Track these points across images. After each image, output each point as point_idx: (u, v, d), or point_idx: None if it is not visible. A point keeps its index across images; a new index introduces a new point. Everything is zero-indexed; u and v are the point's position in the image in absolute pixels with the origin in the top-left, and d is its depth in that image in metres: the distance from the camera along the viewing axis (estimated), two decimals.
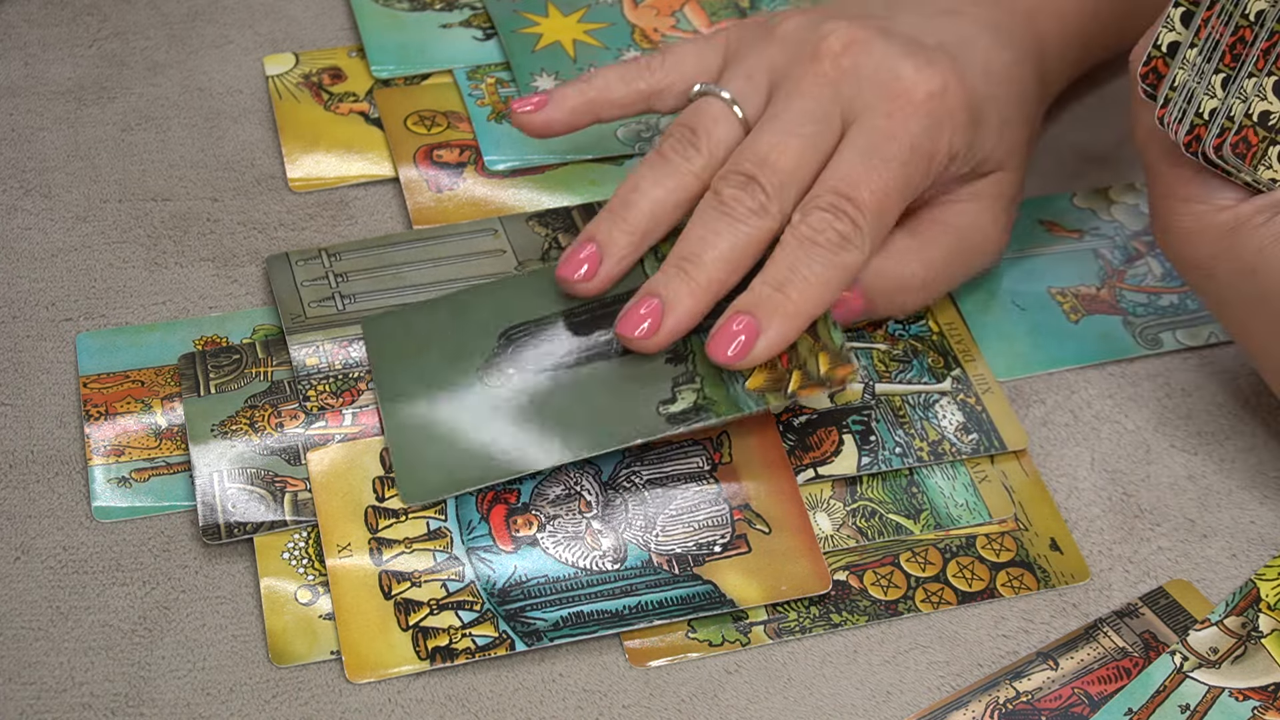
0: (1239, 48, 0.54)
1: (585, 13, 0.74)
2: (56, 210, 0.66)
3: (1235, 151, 0.54)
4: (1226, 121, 0.54)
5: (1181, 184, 0.56)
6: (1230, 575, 0.58)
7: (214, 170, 0.68)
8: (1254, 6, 0.54)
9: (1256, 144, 0.54)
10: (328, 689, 0.53)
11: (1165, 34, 0.56)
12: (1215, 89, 0.54)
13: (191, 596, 0.55)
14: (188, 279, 0.64)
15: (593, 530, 0.57)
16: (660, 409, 0.58)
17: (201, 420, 0.59)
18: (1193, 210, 0.56)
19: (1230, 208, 0.55)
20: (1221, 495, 0.60)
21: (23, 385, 0.61)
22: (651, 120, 0.70)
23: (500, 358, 0.60)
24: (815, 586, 0.56)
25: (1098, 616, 0.56)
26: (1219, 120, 0.54)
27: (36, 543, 0.56)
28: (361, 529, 0.56)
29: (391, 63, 0.72)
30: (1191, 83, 0.55)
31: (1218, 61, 0.54)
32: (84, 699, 0.53)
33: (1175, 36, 0.56)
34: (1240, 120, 0.54)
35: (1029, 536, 0.58)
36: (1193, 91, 0.55)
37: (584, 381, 0.59)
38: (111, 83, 0.71)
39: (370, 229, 0.66)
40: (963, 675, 0.55)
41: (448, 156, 0.69)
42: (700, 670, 0.54)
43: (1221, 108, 0.54)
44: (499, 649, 0.54)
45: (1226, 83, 0.54)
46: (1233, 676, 0.54)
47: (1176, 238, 0.57)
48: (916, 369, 0.62)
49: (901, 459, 0.59)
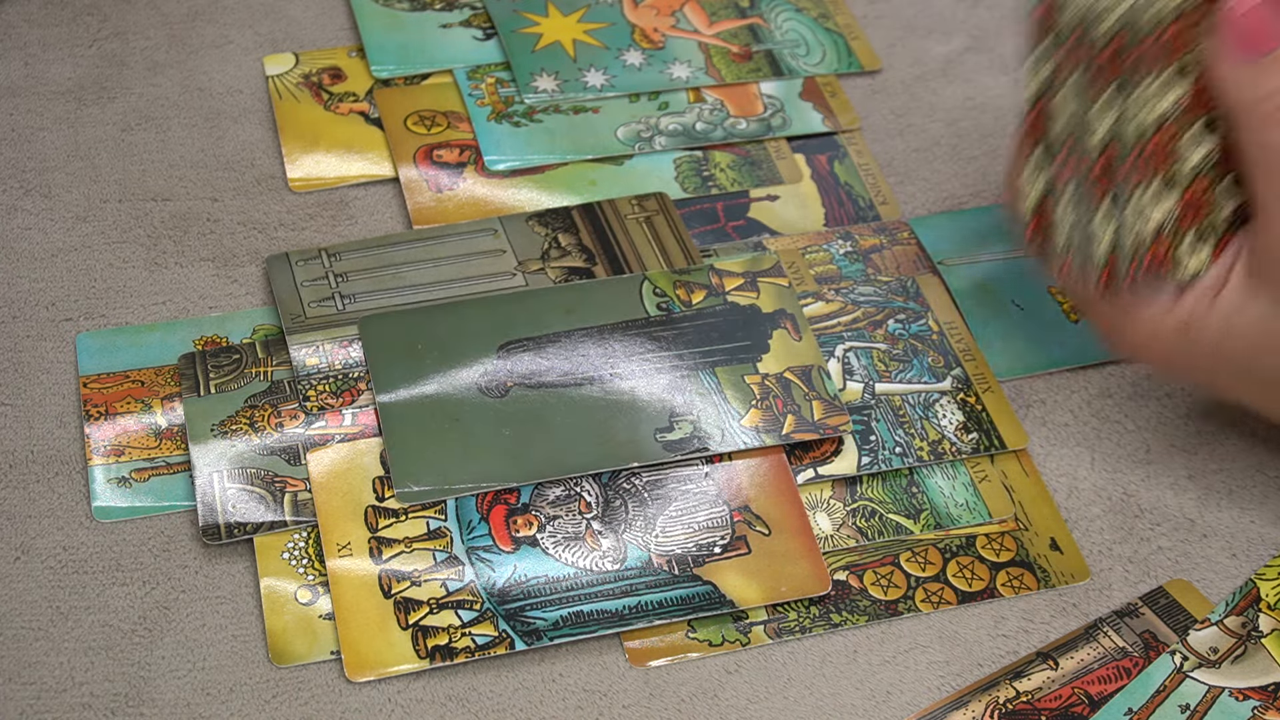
0: (1105, 177, 0.53)
1: (585, 13, 0.74)
2: (56, 210, 0.66)
3: (1151, 271, 0.53)
4: (1131, 253, 0.53)
5: (1118, 312, 0.55)
6: (1230, 575, 0.58)
7: (214, 170, 0.68)
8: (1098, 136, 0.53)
9: (1165, 254, 0.53)
10: (328, 689, 0.53)
11: (1032, 189, 0.55)
12: (1101, 228, 0.54)
13: (191, 596, 0.55)
14: (188, 279, 0.64)
15: (592, 531, 0.57)
16: (657, 436, 0.58)
17: (201, 420, 0.59)
18: (1137, 322, 0.55)
19: (1171, 309, 0.54)
20: (1221, 495, 0.60)
21: (23, 385, 0.61)
22: (652, 120, 0.70)
23: (498, 370, 0.60)
24: (815, 588, 0.56)
25: (1098, 616, 0.56)
26: (1122, 256, 0.53)
27: (36, 543, 0.56)
28: (361, 529, 0.56)
29: (391, 63, 0.72)
30: (1075, 234, 0.54)
31: (1092, 199, 0.54)
32: (84, 699, 0.53)
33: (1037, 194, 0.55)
34: (1139, 248, 0.53)
35: (1029, 536, 0.58)
36: (1082, 241, 0.54)
37: (582, 401, 0.59)
38: (111, 83, 0.71)
39: (370, 229, 0.66)
40: (963, 675, 0.55)
41: (448, 156, 0.69)
42: (700, 670, 0.54)
43: (1117, 239, 0.54)
44: (499, 648, 0.54)
45: (1108, 216, 0.54)
46: (1233, 676, 0.54)
47: (1133, 349, 0.56)
48: (916, 369, 0.62)
49: (901, 459, 0.60)
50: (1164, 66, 0.52)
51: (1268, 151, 0.50)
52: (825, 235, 0.67)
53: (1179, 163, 0.52)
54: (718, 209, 0.68)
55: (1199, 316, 0.54)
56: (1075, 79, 0.54)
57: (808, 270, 0.65)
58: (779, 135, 0.70)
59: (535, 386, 0.60)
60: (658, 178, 0.68)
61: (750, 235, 0.67)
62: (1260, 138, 0.50)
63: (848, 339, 0.63)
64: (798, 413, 0.60)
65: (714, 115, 0.71)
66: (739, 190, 0.68)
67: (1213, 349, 0.54)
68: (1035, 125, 0.55)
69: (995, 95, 0.73)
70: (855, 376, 0.62)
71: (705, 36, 0.74)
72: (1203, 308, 0.53)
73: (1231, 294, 0.53)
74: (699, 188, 0.68)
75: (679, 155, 0.69)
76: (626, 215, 0.67)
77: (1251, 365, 0.54)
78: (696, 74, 0.72)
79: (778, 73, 0.73)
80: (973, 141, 0.71)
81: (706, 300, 0.63)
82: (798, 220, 0.68)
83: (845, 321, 0.64)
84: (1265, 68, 0.49)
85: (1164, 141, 0.52)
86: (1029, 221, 0.56)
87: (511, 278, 0.64)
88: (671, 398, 0.60)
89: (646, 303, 0.63)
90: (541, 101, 0.70)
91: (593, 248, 0.65)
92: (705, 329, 0.62)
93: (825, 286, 0.65)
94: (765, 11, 0.75)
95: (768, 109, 0.71)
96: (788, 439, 0.59)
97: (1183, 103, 0.52)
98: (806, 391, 0.60)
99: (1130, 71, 0.52)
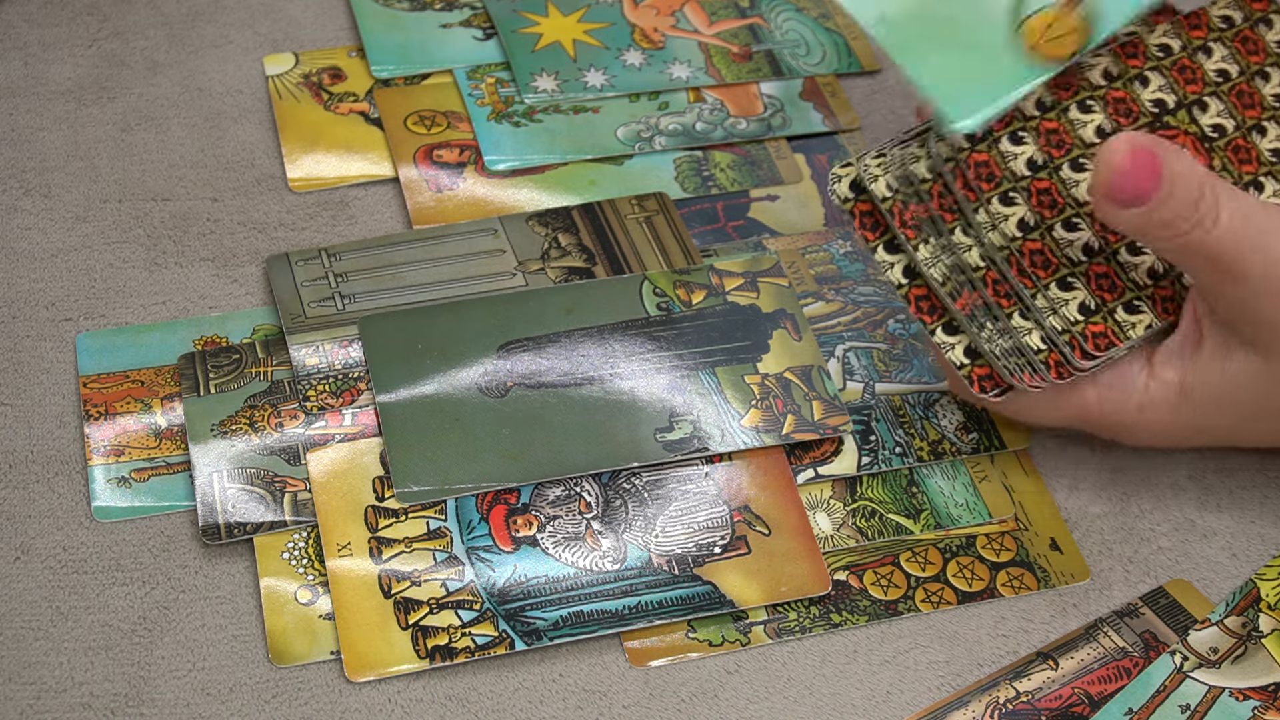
0: (1000, 288, 0.54)
1: (585, 13, 0.74)
2: (56, 210, 0.66)
3: (1101, 347, 0.54)
4: (1065, 335, 0.54)
5: (1102, 405, 0.55)
6: (1230, 575, 0.58)
7: (214, 170, 0.68)
8: (971, 258, 0.54)
9: (1104, 326, 0.54)
10: (328, 689, 0.53)
11: (955, 352, 0.56)
12: (1024, 328, 0.54)
13: (191, 596, 0.55)
14: (188, 279, 0.64)
15: (592, 531, 0.57)
16: (657, 436, 0.58)
17: (201, 420, 0.59)
18: (1128, 407, 0.55)
19: (1149, 380, 0.55)
20: (1221, 495, 0.60)
21: (23, 385, 0.61)
22: (652, 120, 0.70)
23: (498, 370, 0.60)
24: (815, 588, 0.56)
25: (1098, 616, 0.56)
26: (1059, 339, 0.54)
27: (36, 543, 0.56)
28: (361, 529, 0.56)
29: (391, 63, 0.72)
30: (1003, 344, 0.55)
31: (1001, 312, 0.54)
32: (84, 699, 0.53)
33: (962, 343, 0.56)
34: (1077, 327, 0.54)
35: (1029, 536, 0.58)
36: (1013, 347, 0.55)
37: (582, 401, 0.59)
38: (111, 83, 0.71)
39: (370, 229, 0.66)
40: (963, 675, 0.55)
41: (448, 156, 0.69)
42: (700, 670, 0.54)
43: (1045, 329, 0.54)
44: (499, 648, 0.54)
45: (1024, 314, 0.54)
46: (1233, 676, 0.54)
47: (1136, 436, 0.56)
48: (916, 369, 0.62)
49: (901, 459, 0.59)
50: (989, 197, 0.54)
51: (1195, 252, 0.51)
52: (825, 235, 0.67)
53: (1061, 259, 0.54)
54: (718, 209, 0.68)
55: (1189, 378, 0.54)
56: (927, 241, 0.55)
57: (808, 270, 0.65)
58: (779, 135, 0.70)
59: (535, 386, 0.60)
60: (658, 178, 0.68)
61: (750, 235, 0.67)
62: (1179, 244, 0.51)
63: (848, 339, 0.63)
64: (798, 413, 0.60)
65: (714, 115, 0.71)
66: (739, 190, 0.68)
67: (1213, 404, 0.54)
68: (923, 306, 0.56)
69: None
70: (855, 376, 0.62)
71: (705, 36, 0.74)
72: (1189, 368, 0.54)
73: (1214, 348, 0.53)
74: (699, 188, 0.68)
75: (679, 155, 0.69)
76: (626, 215, 0.67)
77: (1258, 413, 0.54)
78: (696, 74, 0.72)
79: (778, 73, 0.73)
80: None
81: (706, 300, 0.63)
82: (798, 220, 0.68)
83: (845, 321, 0.64)
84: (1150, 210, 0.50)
85: (1034, 251, 0.54)
86: (970, 374, 0.56)
87: (511, 278, 0.64)
88: (671, 398, 0.60)
89: (646, 303, 0.63)
90: (541, 101, 0.70)
91: (593, 248, 0.65)
92: (705, 329, 0.62)
93: (825, 286, 0.65)
94: (765, 11, 0.75)
95: (768, 109, 0.71)
96: (788, 439, 0.59)
97: (1029, 219, 0.54)
98: (806, 391, 0.60)
99: (959, 210, 0.54)
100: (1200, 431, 0.55)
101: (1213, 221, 0.50)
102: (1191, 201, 0.50)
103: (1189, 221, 0.50)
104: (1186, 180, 0.50)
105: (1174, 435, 0.56)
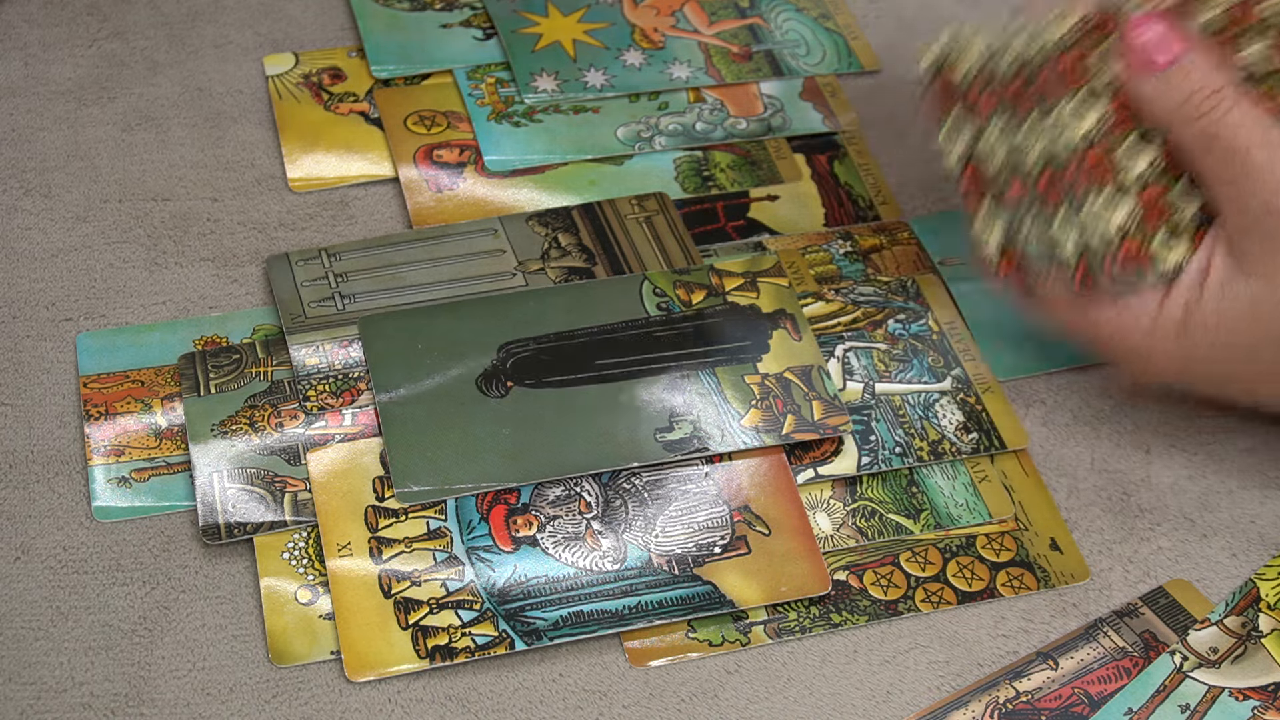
0: (1051, 190, 0.55)
1: (585, 12, 0.74)
2: (56, 210, 0.66)
3: (1128, 267, 0.55)
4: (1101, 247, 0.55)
5: (1111, 324, 0.56)
6: (1230, 575, 0.58)
7: (214, 170, 0.68)
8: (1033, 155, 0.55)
9: (1139, 251, 0.55)
10: (328, 689, 0.53)
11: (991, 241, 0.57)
12: (1063, 232, 0.55)
13: (191, 596, 0.55)
14: (188, 279, 0.64)
15: (592, 531, 0.57)
16: (657, 436, 0.58)
17: (201, 420, 0.59)
18: (1137, 330, 0.56)
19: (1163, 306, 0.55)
20: (1221, 495, 0.60)
21: (23, 385, 0.61)
22: (652, 120, 0.70)
23: (499, 371, 0.60)
24: (815, 588, 0.56)
25: (1098, 616, 0.56)
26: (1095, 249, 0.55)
27: (36, 543, 0.56)
28: (361, 529, 0.56)
29: (391, 63, 0.72)
30: (1039, 245, 0.56)
31: (1045, 213, 0.56)
32: (84, 699, 0.53)
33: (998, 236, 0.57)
34: (1114, 239, 0.54)
35: (1029, 536, 0.58)
36: (1047, 249, 0.56)
37: (582, 402, 0.59)
38: (111, 83, 0.71)
39: (370, 229, 0.66)
40: (963, 675, 0.55)
41: (448, 156, 0.69)
42: (700, 670, 0.54)
43: (1081, 239, 0.55)
44: (499, 648, 0.54)
45: (1065, 222, 0.55)
46: (1233, 676, 0.54)
47: (1140, 362, 0.57)
48: (916, 369, 0.62)
49: (901, 459, 0.60)
50: (1075, 91, 0.55)
51: (1208, 139, 0.54)
52: (825, 235, 0.67)
53: (1123, 173, 0.54)
54: (718, 209, 0.68)
55: (1193, 307, 0.54)
56: (995, 122, 0.56)
57: (808, 270, 0.65)
58: (779, 135, 0.70)
59: (535, 386, 0.60)
60: (658, 178, 0.68)
61: (750, 235, 0.67)
62: (1195, 131, 0.54)
63: (848, 339, 0.63)
64: (798, 413, 0.60)
65: (714, 115, 0.71)
66: (739, 190, 0.68)
67: (1211, 339, 0.54)
68: (973, 182, 0.57)
69: None
70: (855, 376, 0.62)
71: (705, 36, 0.74)
72: (1195, 297, 0.55)
73: (1218, 275, 0.54)
74: (699, 188, 0.68)
75: (679, 155, 0.69)
76: (626, 215, 0.67)
77: (1253, 351, 0.54)
78: (696, 74, 0.72)
79: (778, 73, 0.73)
80: None
81: (706, 300, 0.63)
82: (798, 220, 0.68)
83: (845, 321, 0.64)
84: (1173, 77, 0.54)
85: (1100, 156, 0.55)
86: (998, 262, 0.57)
87: (511, 278, 0.64)
88: (671, 398, 0.60)
89: (646, 303, 0.63)
90: (541, 101, 0.70)
91: (593, 248, 0.65)
92: (705, 329, 0.62)
93: (825, 286, 0.65)
94: (765, 11, 0.75)
95: (768, 109, 0.71)
96: (788, 439, 0.59)
97: (1107, 121, 0.55)
98: (806, 391, 0.60)
99: (1040, 101, 0.55)
100: (1199, 365, 0.56)
101: (1226, 110, 0.53)
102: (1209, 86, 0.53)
103: (1207, 103, 0.53)
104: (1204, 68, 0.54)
105: (1173, 367, 0.56)
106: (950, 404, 0.61)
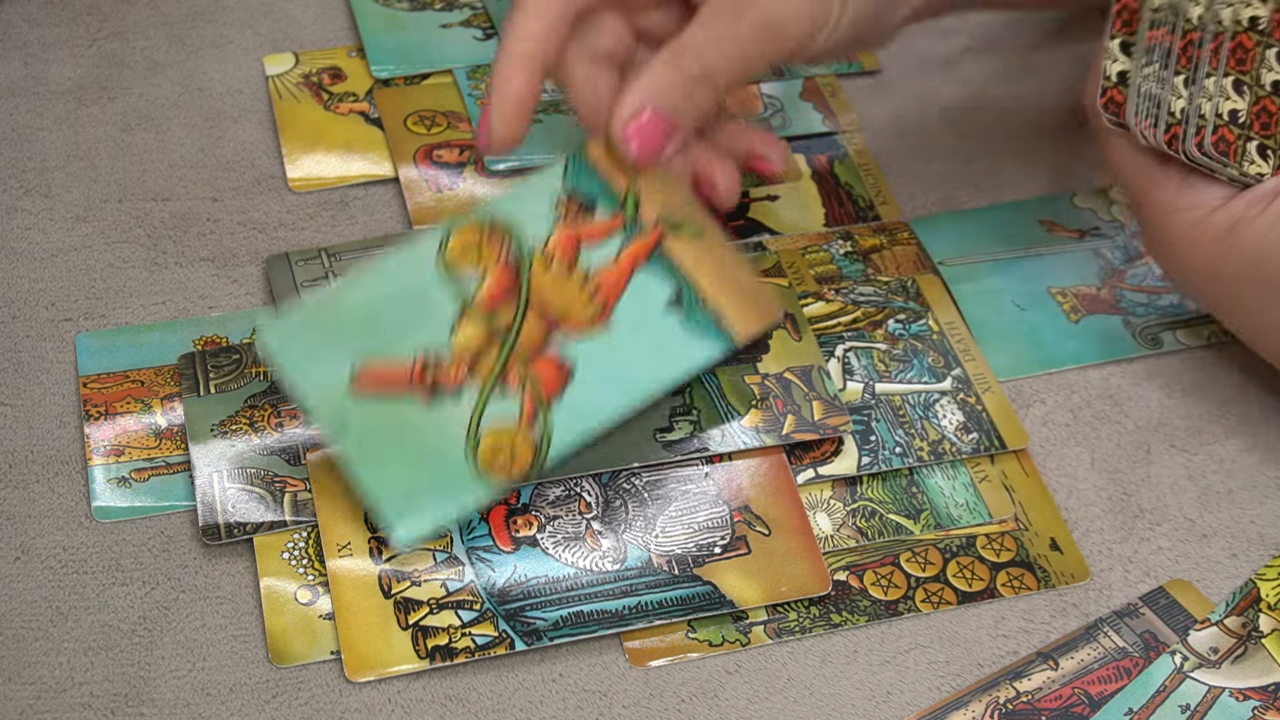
0: (1190, 50, 0.56)
1: None
2: (56, 210, 0.66)
3: (1217, 149, 0.55)
4: (1200, 120, 0.55)
5: (1169, 195, 0.57)
6: (1230, 575, 0.58)
7: (214, 170, 0.68)
8: (1193, 12, 0.55)
9: (1234, 141, 0.55)
10: (328, 689, 0.53)
11: (1111, 65, 0.57)
12: (1179, 89, 0.56)
13: (191, 596, 0.55)
14: (188, 279, 0.64)
15: (592, 531, 0.57)
16: (657, 436, 0.58)
17: (201, 420, 0.59)
18: (1187, 219, 0.56)
19: (1222, 206, 0.56)
20: (1221, 495, 0.60)
21: (23, 385, 0.61)
22: None
23: None
24: (815, 588, 0.56)
25: (1098, 616, 0.56)
26: (1192, 119, 0.55)
27: (36, 543, 0.56)
28: (361, 529, 0.56)
29: (391, 63, 0.72)
30: (1154, 89, 0.56)
31: (1174, 65, 0.56)
32: (84, 699, 0.53)
33: (1122, 65, 0.57)
34: (1212, 119, 0.55)
35: (1029, 536, 0.58)
36: (1158, 96, 0.56)
37: None
38: (111, 83, 0.71)
39: (370, 229, 0.66)
40: (963, 675, 0.55)
41: (448, 156, 0.69)
42: (700, 670, 0.54)
43: (1190, 106, 0.55)
44: (499, 648, 0.54)
45: (1188, 83, 0.56)
46: (1233, 676, 0.54)
47: (1177, 249, 0.57)
48: (916, 369, 0.62)
49: (901, 459, 0.60)
50: None
51: None
52: (825, 235, 0.67)
53: (1255, 72, 0.55)
54: None
55: (1249, 219, 0.55)
56: None
57: (808, 270, 0.65)
58: (779, 135, 0.70)
59: None
60: None
61: (750, 235, 0.67)
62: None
63: (848, 339, 0.63)
64: (798, 413, 0.60)
65: None
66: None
67: (1252, 258, 0.55)
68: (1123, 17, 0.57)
69: (995, 95, 0.73)
70: (855, 376, 0.62)
71: None
72: (1254, 212, 0.55)
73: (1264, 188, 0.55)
74: None
75: None
76: None
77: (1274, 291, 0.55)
78: None
79: (778, 72, 0.73)
80: (973, 141, 0.71)
81: None
82: (798, 220, 0.68)
83: (845, 321, 0.64)
84: None
85: (1249, 46, 0.55)
86: (1104, 92, 0.57)
87: None
88: (671, 398, 0.60)
89: None
90: (541, 101, 0.70)
91: None
92: None
93: (825, 286, 0.65)
94: None
95: (768, 109, 0.71)
96: (788, 439, 0.59)
97: (1257, 22, 0.55)
98: (806, 391, 0.60)
99: None
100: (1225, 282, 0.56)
101: None
102: None
103: None
104: None
105: (1205, 267, 0.57)
106: (950, 404, 0.61)
